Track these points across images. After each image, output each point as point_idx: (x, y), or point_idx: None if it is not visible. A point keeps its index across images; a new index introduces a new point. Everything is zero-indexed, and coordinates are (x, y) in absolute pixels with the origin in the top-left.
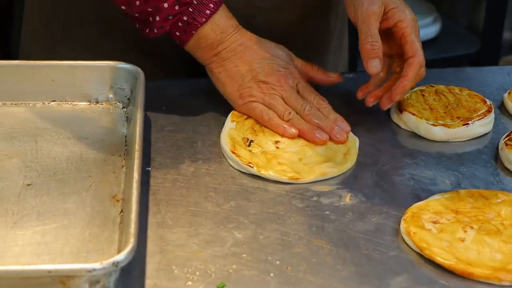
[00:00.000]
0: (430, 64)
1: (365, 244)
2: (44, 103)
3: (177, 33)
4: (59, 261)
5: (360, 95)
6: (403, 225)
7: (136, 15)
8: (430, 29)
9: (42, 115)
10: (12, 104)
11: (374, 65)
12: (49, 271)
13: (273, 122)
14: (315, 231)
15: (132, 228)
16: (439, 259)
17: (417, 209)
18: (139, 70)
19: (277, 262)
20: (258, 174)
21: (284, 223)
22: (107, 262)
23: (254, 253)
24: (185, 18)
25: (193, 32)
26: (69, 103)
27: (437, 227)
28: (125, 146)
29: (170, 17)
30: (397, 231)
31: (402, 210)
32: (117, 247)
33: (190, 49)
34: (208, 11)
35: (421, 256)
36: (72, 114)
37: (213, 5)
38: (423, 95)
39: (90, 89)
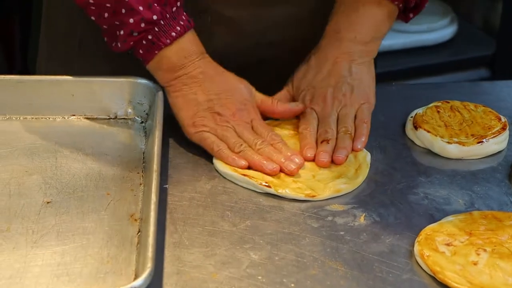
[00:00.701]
0: (445, 66)
1: (379, 266)
2: (64, 118)
3: (141, 51)
4: (78, 283)
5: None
6: (417, 248)
7: (105, 27)
8: (447, 31)
9: (62, 130)
10: (32, 118)
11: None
12: None
13: (223, 154)
14: (330, 252)
15: (150, 252)
16: (453, 284)
17: (431, 231)
18: (158, 86)
19: (292, 285)
20: (276, 193)
21: (299, 244)
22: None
23: (270, 275)
24: (149, 37)
25: (156, 52)
26: (89, 117)
27: (450, 249)
28: (143, 163)
29: (135, 34)
30: (411, 253)
31: (416, 231)
32: (134, 269)
33: (152, 69)
34: (174, 33)
35: (435, 279)
36: (91, 129)
37: (180, 28)
38: (438, 112)
39: (109, 104)
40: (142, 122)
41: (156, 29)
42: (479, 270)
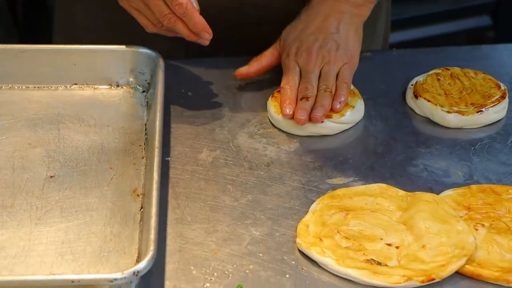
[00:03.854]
0: (447, 14)
1: None
2: (66, 87)
3: None
4: (82, 262)
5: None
6: None
7: None
8: None
9: (64, 100)
10: (34, 87)
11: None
12: (73, 281)
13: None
14: None
15: (152, 234)
16: None
17: None
18: (159, 55)
19: (293, 262)
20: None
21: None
22: (127, 271)
23: (271, 252)
24: None
25: None
26: (91, 86)
27: None
28: (146, 135)
29: None
30: None
31: None
32: (137, 247)
33: None
34: None
35: None
36: (93, 99)
37: None
38: (438, 79)
39: (111, 73)
40: (143, 91)
41: None
42: (477, 245)
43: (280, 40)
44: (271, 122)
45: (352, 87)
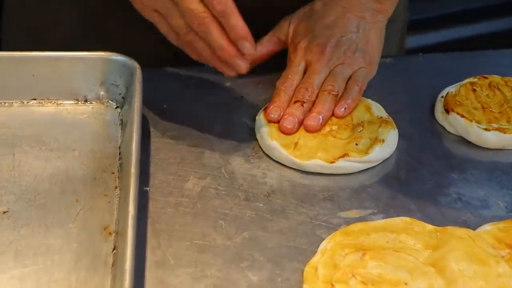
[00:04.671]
0: (482, 12)
1: None
2: (23, 102)
3: None
4: None
5: None
6: None
7: None
8: None
9: (20, 118)
10: None
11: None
12: None
13: None
14: None
15: (127, 281)
16: None
17: None
18: (135, 63)
19: None
20: None
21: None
22: None
23: None
24: None
25: None
26: (53, 102)
27: None
28: (119, 160)
29: None
30: None
31: None
32: None
33: None
34: None
35: None
36: (56, 117)
37: None
38: (474, 90)
39: (78, 85)
40: (117, 107)
41: None
42: None
43: (288, 26)
44: (262, 151)
45: (385, 114)
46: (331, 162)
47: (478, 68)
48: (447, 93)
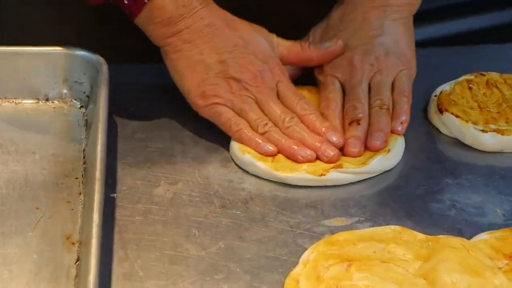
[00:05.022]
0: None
1: None
2: None
3: (125, 1)
4: None
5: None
6: None
7: None
8: None
9: None
10: None
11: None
12: None
13: (245, 135)
14: None
15: None
16: None
17: None
18: (100, 59)
19: None
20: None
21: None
22: None
23: None
24: None
25: (146, 0)
26: (11, 101)
27: None
28: (84, 164)
29: None
30: None
31: None
32: None
33: (142, 23)
34: None
35: None
36: (14, 117)
37: None
38: (470, 88)
39: (38, 83)
40: (81, 107)
41: None
42: None
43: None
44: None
45: None
46: (321, 175)
47: (476, 65)
48: (441, 92)
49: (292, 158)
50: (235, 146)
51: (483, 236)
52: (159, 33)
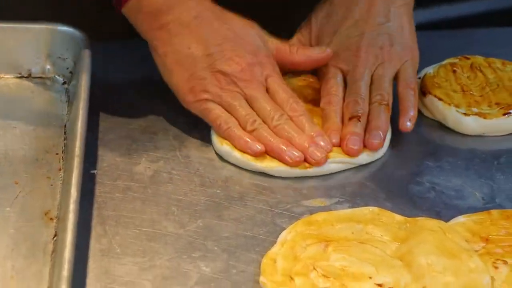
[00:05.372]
0: None
1: None
2: None
3: None
4: None
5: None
6: None
7: None
8: None
9: None
10: None
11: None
12: None
13: (233, 134)
14: None
15: (66, 270)
16: None
17: None
18: (83, 35)
19: None
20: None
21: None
22: None
23: None
24: None
25: None
26: None
27: None
28: (64, 140)
29: None
30: None
31: None
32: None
33: (129, 14)
34: None
35: None
36: None
37: None
38: (454, 71)
39: (21, 58)
40: (64, 83)
41: None
42: (497, 287)
43: (310, 31)
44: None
45: None
46: (307, 168)
47: (461, 48)
48: (425, 74)
49: (280, 158)
50: (214, 136)
51: (461, 219)
52: (146, 24)
